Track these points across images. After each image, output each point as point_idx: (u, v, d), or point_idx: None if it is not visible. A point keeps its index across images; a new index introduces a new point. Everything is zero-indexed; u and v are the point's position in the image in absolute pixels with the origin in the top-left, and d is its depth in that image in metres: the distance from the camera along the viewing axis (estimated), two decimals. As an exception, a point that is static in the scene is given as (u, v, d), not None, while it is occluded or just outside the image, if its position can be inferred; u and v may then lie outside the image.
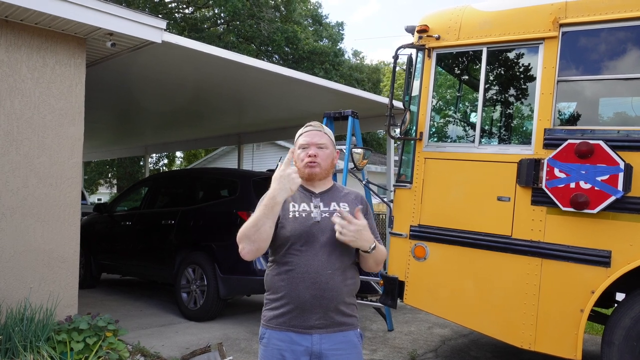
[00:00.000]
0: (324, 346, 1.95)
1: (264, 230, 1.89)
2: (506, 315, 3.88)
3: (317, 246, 1.96)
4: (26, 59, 4.31)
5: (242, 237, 1.92)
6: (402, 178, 4.53)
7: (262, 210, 1.89)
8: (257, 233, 1.88)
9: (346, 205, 2.07)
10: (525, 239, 3.81)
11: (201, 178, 7.41)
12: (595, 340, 5.33)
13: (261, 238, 1.89)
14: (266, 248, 1.95)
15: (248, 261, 5.59)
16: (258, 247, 1.91)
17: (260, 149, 20.57)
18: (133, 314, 6.16)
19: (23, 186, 4.27)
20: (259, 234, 1.88)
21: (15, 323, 3.85)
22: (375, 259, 2.02)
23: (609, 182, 3.48)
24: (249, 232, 1.90)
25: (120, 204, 8.33)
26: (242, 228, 1.93)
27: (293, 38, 19.70)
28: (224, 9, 19.15)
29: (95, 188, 29.55)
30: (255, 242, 1.89)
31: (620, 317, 3.55)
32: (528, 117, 4.21)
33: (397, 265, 4.38)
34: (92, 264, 7.56)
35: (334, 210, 2.04)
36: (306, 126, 2.13)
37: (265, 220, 1.88)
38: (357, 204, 2.10)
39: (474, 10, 4.29)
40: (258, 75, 6.42)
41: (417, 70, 4.48)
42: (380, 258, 2.04)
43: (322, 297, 1.94)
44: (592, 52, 3.88)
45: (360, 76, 24.04)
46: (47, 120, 4.42)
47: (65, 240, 4.49)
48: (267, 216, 1.88)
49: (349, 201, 2.10)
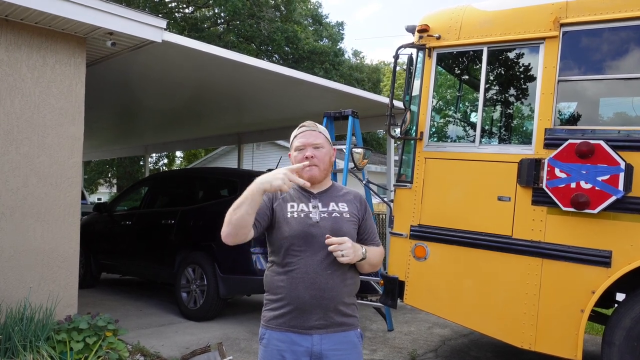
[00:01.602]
0: (324, 346, 1.94)
1: (240, 215, 1.86)
2: (506, 315, 3.87)
3: (316, 247, 1.95)
4: (26, 58, 4.31)
5: (226, 219, 1.91)
6: (403, 178, 4.53)
7: (243, 195, 1.88)
8: (236, 218, 1.86)
9: (345, 205, 2.07)
10: (526, 239, 3.81)
11: (201, 178, 7.40)
12: (595, 341, 5.33)
13: (239, 223, 1.87)
14: (245, 236, 1.92)
15: (248, 261, 5.63)
16: (236, 233, 1.89)
17: (260, 149, 20.56)
18: (133, 313, 6.16)
19: (23, 185, 4.27)
20: (237, 219, 1.86)
21: (15, 323, 3.85)
22: (370, 262, 2.03)
23: (609, 182, 3.47)
24: (229, 215, 1.89)
25: (120, 203, 8.33)
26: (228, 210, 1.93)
27: (293, 38, 19.69)
28: (224, 8, 19.14)
29: (95, 187, 29.55)
30: (232, 225, 1.87)
31: (621, 317, 3.55)
32: (528, 117, 4.21)
33: (397, 265, 4.37)
34: (91, 263, 7.55)
35: (333, 211, 2.03)
36: (300, 127, 2.12)
37: (244, 206, 1.85)
38: (356, 204, 2.10)
39: (474, 10, 4.29)
40: (258, 75, 6.41)
41: (417, 70, 4.48)
42: (374, 261, 2.05)
43: (322, 298, 1.93)
44: (592, 52, 3.87)
45: (361, 76, 24.03)
46: (47, 120, 4.41)
47: (65, 240, 4.49)
48: (245, 201, 1.86)
49: (348, 201, 2.10)
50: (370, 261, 2.02)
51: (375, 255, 2.05)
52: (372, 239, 2.12)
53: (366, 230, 2.12)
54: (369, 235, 2.12)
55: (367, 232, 2.11)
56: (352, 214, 2.06)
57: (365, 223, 2.12)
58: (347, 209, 2.06)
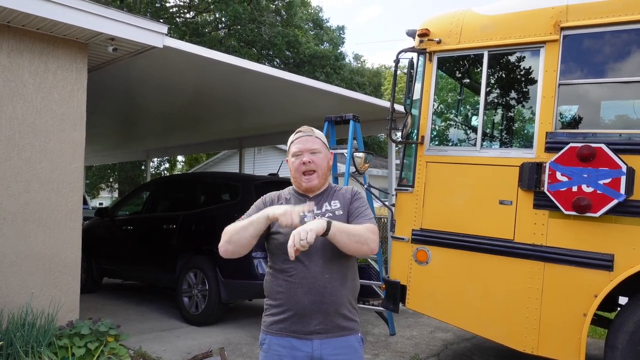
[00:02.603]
0: (324, 351, 1.94)
1: (244, 236, 1.90)
2: (509, 319, 3.86)
3: (313, 251, 1.91)
4: (28, 64, 4.32)
5: (225, 238, 1.94)
6: (404, 182, 4.52)
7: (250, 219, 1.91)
8: (238, 237, 1.91)
9: (337, 202, 2.06)
10: (528, 243, 3.80)
11: (202, 182, 7.40)
12: (598, 345, 5.31)
13: (240, 243, 1.92)
14: (244, 254, 1.97)
15: (249, 265, 5.63)
16: (235, 251, 1.94)
17: (261, 153, 20.59)
18: (134, 318, 6.15)
19: (25, 191, 4.27)
20: (239, 239, 1.91)
21: (16, 328, 3.85)
22: (348, 233, 1.86)
23: (611, 185, 3.47)
24: (232, 236, 1.92)
25: (122, 208, 8.32)
26: (228, 229, 1.95)
27: (294, 42, 19.73)
28: (225, 13, 19.19)
29: (96, 192, 29.60)
30: (233, 244, 1.92)
31: (624, 321, 3.53)
32: (529, 120, 4.21)
33: (399, 269, 4.36)
34: (93, 268, 7.56)
35: (326, 211, 2.02)
36: (296, 132, 2.12)
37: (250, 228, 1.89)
38: (347, 195, 2.08)
39: (475, 14, 4.29)
40: (259, 79, 6.43)
41: (418, 73, 4.48)
42: (357, 232, 1.89)
43: (321, 302, 1.93)
44: (593, 55, 3.87)
45: (361, 80, 24.06)
46: (49, 125, 4.42)
47: (66, 245, 4.49)
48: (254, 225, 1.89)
49: (339, 196, 2.09)
50: (346, 231, 1.86)
51: (354, 228, 1.90)
52: (360, 216, 2.01)
53: (353, 211, 2.03)
54: (357, 213, 2.02)
55: (354, 213, 2.02)
56: (344, 208, 2.04)
57: (352, 205, 2.05)
58: (339, 205, 2.05)
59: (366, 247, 1.90)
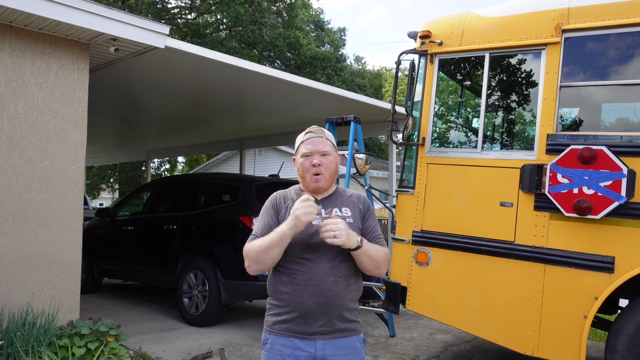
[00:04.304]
0: (327, 352, 1.95)
1: (271, 256, 1.93)
2: (509, 321, 3.86)
3: (319, 253, 1.95)
4: (30, 64, 4.33)
5: (251, 258, 1.96)
6: (405, 183, 4.53)
7: (272, 238, 1.92)
8: (265, 257, 1.94)
9: (348, 210, 2.07)
10: (528, 245, 3.80)
11: (203, 183, 7.41)
12: (598, 347, 5.30)
13: (268, 262, 1.96)
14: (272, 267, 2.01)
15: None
16: (264, 268, 1.98)
17: (262, 154, 20.58)
18: (135, 318, 6.15)
19: (26, 191, 4.28)
20: (267, 258, 1.94)
21: (17, 328, 3.85)
22: (369, 255, 1.96)
23: (612, 187, 3.47)
24: (259, 256, 1.94)
25: (122, 208, 8.33)
26: (251, 248, 1.97)
27: (295, 44, 19.76)
28: (226, 14, 19.23)
29: (97, 193, 29.60)
30: (262, 263, 1.96)
31: (624, 323, 3.53)
32: (530, 122, 4.21)
33: (399, 270, 4.36)
34: (94, 268, 7.56)
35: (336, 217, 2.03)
36: (306, 132, 2.11)
37: (275, 249, 1.92)
38: (359, 206, 2.10)
39: (476, 16, 4.30)
40: (260, 81, 6.43)
41: (419, 75, 4.48)
42: (375, 255, 1.99)
43: (326, 304, 1.94)
44: (594, 58, 3.88)
45: (362, 82, 24.08)
46: (50, 125, 4.43)
47: (67, 245, 4.50)
48: (277, 245, 1.91)
49: (350, 204, 2.09)
50: (369, 254, 1.96)
51: (376, 251, 2.00)
52: (376, 238, 2.09)
53: (369, 230, 2.09)
54: (372, 234, 2.09)
55: (370, 232, 2.09)
56: (355, 218, 2.06)
57: (367, 223, 2.10)
58: (350, 214, 2.06)
59: (377, 271, 2.03)
